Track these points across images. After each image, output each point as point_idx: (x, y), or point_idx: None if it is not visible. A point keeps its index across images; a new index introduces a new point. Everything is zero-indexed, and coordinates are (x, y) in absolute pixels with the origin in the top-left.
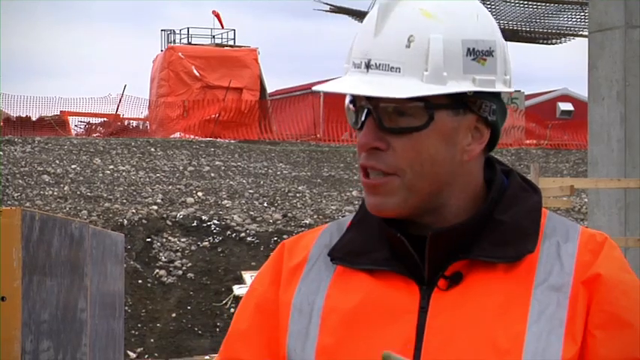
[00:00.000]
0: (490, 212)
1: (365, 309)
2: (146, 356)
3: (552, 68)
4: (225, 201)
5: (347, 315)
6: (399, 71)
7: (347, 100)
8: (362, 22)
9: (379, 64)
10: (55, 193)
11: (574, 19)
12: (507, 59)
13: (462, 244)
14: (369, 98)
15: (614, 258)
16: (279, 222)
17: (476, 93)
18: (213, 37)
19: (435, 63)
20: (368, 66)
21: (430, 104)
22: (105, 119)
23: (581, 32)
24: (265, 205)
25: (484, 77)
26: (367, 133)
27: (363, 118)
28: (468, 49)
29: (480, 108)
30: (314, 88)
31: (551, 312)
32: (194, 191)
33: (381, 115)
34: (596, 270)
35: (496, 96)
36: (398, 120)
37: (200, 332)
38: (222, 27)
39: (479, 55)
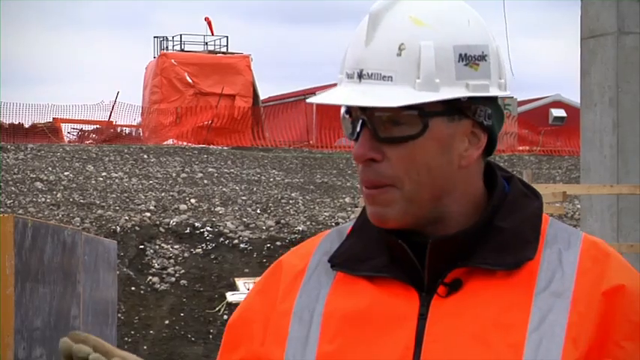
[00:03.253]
0: (491, 219)
1: (365, 315)
2: None
3: (545, 74)
4: (218, 208)
5: (347, 322)
6: (391, 80)
7: (342, 110)
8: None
9: (371, 74)
10: (48, 200)
11: None
12: (501, 63)
13: (463, 251)
14: (363, 109)
15: (627, 267)
16: (272, 229)
17: (470, 98)
18: (206, 43)
19: (427, 70)
20: (360, 76)
21: (424, 112)
22: (98, 126)
23: None
24: (258, 211)
25: (477, 82)
26: (363, 144)
27: (358, 129)
28: (460, 55)
29: (475, 113)
30: (308, 101)
31: (552, 319)
32: (187, 198)
33: (376, 125)
34: (617, 281)
35: (492, 100)
36: (393, 129)
37: (193, 339)
38: (213, 34)
39: (471, 60)
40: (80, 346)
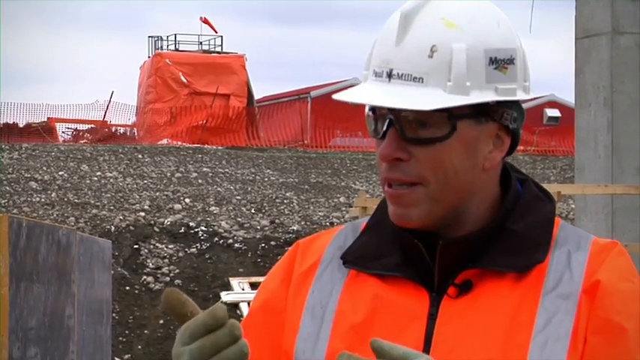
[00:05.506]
0: (503, 221)
1: (375, 314)
2: None
3: (539, 74)
4: (213, 207)
5: (358, 320)
6: (422, 81)
7: (367, 108)
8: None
9: (401, 74)
10: (43, 200)
11: None
12: (527, 65)
13: (474, 252)
14: (390, 108)
15: (616, 265)
16: (266, 228)
17: (498, 102)
18: (201, 43)
19: (458, 73)
20: (390, 75)
21: (453, 114)
22: (92, 126)
23: None
24: (253, 211)
25: (506, 86)
26: (390, 144)
27: (384, 128)
28: (491, 59)
29: (502, 117)
30: (334, 97)
31: (558, 320)
32: (181, 198)
33: (403, 125)
34: (597, 277)
35: (516, 103)
36: (420, 130)
37: None
38: (216, 32)
39: (501, 63)
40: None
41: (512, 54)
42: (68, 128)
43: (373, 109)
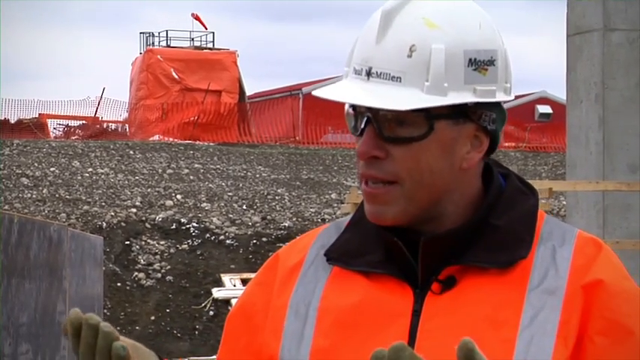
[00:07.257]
0: (486, 217)
1: (359, 311)
2: None
3: (531, 71)
4: (204, 204)
5: (342, 317)
6: (400, 81)
7: (347, 105)
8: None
9: (380, 73)
10: (34, 196)
11: None
12: (508, 66)
13: (457, 248)
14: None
15: (614, 264)
16: (258, 225)
17: (476, 103)
18: (192, 39)
19: (436, 74)
20: (369, 74)
21: (430, 114)
22: (84, 122)
23: None
24: (244, 207)
25: (485, 87)
26: (367, 142)
27: (362, 126)
28: (470, 60)
29: (480, 118)
30: (314, 93)
31: (544, 316)
32: (173, 194)
33: (381, 124)
34: (597, 275)
35: (496, 104)
36: (397, 129)
37: (179, 335)
38: (206, 28)
39: (480, 65)
40: (92, 315)
41: (493, 55)
42: (60, 124)
43: (353, 106)
